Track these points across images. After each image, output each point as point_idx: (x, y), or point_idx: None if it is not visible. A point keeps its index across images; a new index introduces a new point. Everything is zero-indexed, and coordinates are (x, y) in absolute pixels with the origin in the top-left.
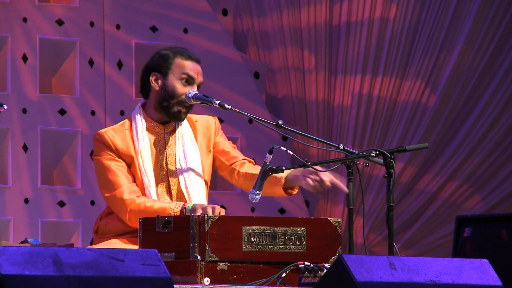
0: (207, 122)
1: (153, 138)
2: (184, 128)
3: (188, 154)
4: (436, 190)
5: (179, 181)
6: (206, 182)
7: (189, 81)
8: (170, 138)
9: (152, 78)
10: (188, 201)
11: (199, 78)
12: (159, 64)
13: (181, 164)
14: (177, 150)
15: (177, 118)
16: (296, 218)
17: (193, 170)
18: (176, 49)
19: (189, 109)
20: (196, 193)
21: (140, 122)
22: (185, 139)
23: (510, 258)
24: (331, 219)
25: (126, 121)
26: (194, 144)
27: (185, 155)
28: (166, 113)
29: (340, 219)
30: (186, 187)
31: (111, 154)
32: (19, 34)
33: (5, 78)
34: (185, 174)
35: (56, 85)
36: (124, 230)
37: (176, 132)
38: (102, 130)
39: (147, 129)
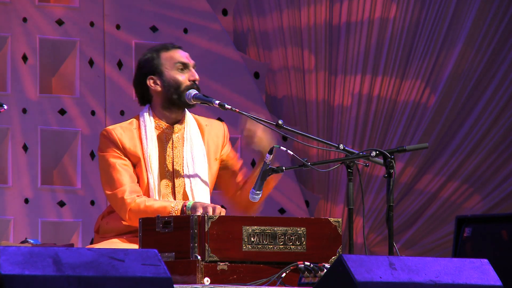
0: (217, 128)
1: (161, 138)
2: (192, 130)
3: (196, 157)
4: (436, 190)
5: (185, 183)
6: (209, 187)
7: (184, 66)
8: (178, 139)
9: (150, 82)
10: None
11: (191, 61)
12: (149, 67)
13: (188, 167)
14: (184, 152)
15: (191, 105)
16: (296, 218)
17: (199, 174)
18: (155, 47)
19: (198, 89)
20: (200, 196)
21: (149, 122)
22: (194, 141)
23: (510, 258)
24: (331, 219)
25: (134, 120)
26: (202, 148)
27: (193, 158)
28: (179, 104)
29: (340, 219)
30: (191, 190)
31: (118, 152)
32: (19, 34)
33: (5, 78)
34: (191, 177)
35: (56, 85)
36: (125, 229)
37: (185, 133)
38: (110, 127)
39: (155, 129)
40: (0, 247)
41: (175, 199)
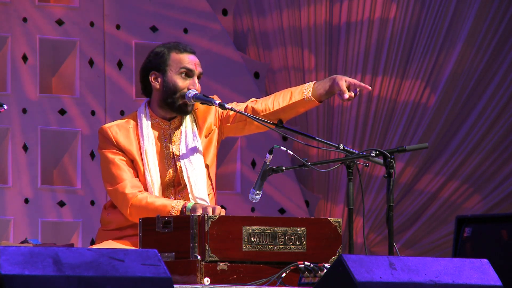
0: (205, 106)
1: (158, 134)
2: (187, 121)
3: (189, 145)
4: (436, 190)
5: (182, 175)
6: (210, 178)
7: (188, 74)
8: (175, 133)
9: (151, 78)
10: (191, 194)
11: (198, 69)
12: (156, 63)
13: (183, 158)
14: (180, 144)
15: (184, 112)
16: (296, 218)
17: (195, 161)
18: (169, 45)
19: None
20: (199, 183)
21: (145, 119)
22: (188, 131)
23: (510, 258)
24: (331, 219)
25: (131, 119)
26: (195, 135)
27: (186, 147)
28: (172, 109)
29: (340, 219)
30: (188, 178)
31: (115, 149)
32: (19, 34)
33: (5, 78)
34: (189, 168)
35: (56, 85)
36: (125, 223)
37: (181, 127)
38: (107, 125)
39: (152, 126)
40: (0, 247)
41: (175, 191)
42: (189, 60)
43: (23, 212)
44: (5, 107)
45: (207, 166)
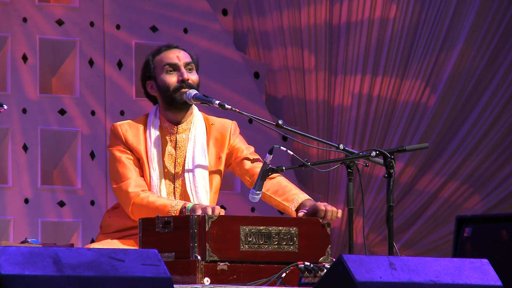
0: (222, 126)
1: (165, 137)
2: (198, 130)
3: (196, 157)
4: (436, 190)
5: (185, 183)
6: (211, 188)
7: (173, 67)
8: (182, 139)
9: (148, 88)
10: (191, 201)
11: (182, 60)
12: (145, 73)
13: (189, 167)
14: (187, 152)
15: (187, 104)
16: (288, 218)
17: (200, 175)
18: (153, 51)
19: (191, 87)
20: (200, 196)
21: (154, 121)
22: (197, 142)
23: (510, 258)
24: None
25: (143, 118)
26: (204, 149)
27: (193, 158)
28: (175, 105)
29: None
30: (190, 190)
31: (123, 146)
32: (19, 34)
33: (5, 78)
34: (190, 177)
35: (56, 85)
36: (124, 226)
37: (190, 133)
38: (118, 123)
39: (160, 128)
40: (0, 247)
41: (176, 198)
42: (170, 55)
43: (23, 212)
44: (5, 107)
45: (216, 192)
